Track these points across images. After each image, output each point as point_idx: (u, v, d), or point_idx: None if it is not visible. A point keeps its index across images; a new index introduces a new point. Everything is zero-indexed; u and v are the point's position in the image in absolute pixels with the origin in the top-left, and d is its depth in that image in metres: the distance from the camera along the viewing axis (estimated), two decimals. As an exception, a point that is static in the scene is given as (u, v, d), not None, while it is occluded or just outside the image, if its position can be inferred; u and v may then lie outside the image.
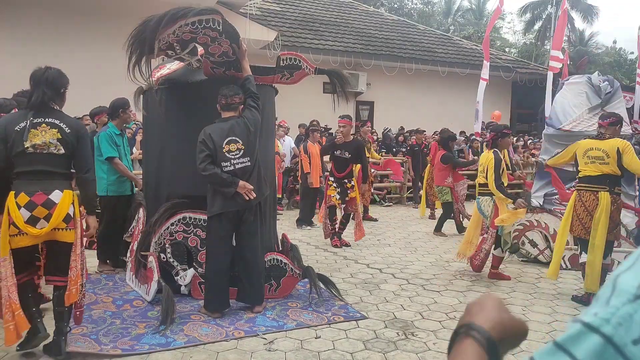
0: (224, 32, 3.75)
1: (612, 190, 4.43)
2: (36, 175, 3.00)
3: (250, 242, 3.89)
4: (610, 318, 0.52)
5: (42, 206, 2.95)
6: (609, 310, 0.52)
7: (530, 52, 27.66)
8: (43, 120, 3.02)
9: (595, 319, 0.53)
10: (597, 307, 0.54)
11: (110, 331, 3.48)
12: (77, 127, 3.15)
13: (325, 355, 3.23)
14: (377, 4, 28.63)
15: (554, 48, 9.28)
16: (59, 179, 3.08)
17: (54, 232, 3.00)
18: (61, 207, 3.00)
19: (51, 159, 3.03)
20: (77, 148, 3.11)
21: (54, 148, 3.02)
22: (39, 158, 3.00)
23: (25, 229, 2.93)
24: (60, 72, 3.19)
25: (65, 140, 3.05)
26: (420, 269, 5.50)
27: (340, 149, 6.39)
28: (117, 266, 5.07)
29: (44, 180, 3.01)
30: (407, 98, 14.63)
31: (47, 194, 2.98)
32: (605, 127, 4.56)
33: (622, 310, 0.51)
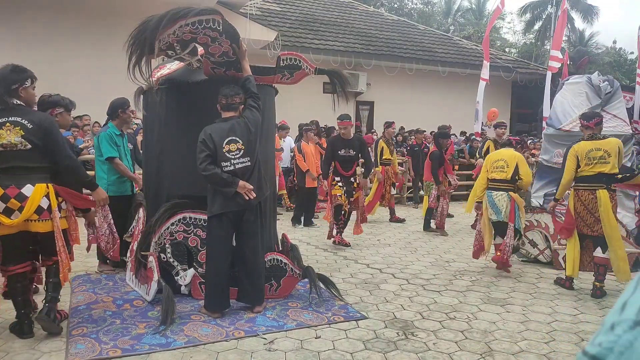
0: (224, 32, 3.75)
1: (609, 188, 4.59)
2: (10, 171, 3.20)
3: (251, 242, 3.89)
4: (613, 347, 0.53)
5: (14, 199, 3.17)
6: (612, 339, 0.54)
7: (530, 52, 27.67)
8: (7, 120, 3.18)
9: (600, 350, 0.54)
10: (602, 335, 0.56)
11: (110, 330, 3.48)
12: (41, 122, 3.27)
13: (325, 355, 3.23)
14: (377, 4, 28.64)
15: (554, 48, 9.29)
16: (33, 173, 3.25)
17: (27, 222, 3.23)
18: (32, 200, 3.20)
19: (21, 155, 3.21)
20: (45, 141, 3.26)
21: (20, 145, 3.20)
22: (10, 155, 3.19)
23: (0, 219, 3.15)
24: (13, 68, 3.28)
25: (29, 135, 3.20)
26: (420, 269, 5.50)
27: (344, 147, 6.37)
28: (117, 266, 5.07)
29: (17, 175, 3.21)
30: (407, 98, 14.64)
31: (19, 187, 3.19)
32: (592, 127, 4.66)
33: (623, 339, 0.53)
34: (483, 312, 4.15)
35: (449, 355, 3.28)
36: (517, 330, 3.76)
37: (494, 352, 3.35)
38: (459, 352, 3.33)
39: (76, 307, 3.96)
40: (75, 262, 5.41)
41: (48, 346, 3.27)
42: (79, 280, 4.71)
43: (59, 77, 9.88)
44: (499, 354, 3.31)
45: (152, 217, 4.22)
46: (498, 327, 3.82)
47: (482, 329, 3.76)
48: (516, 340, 3.55)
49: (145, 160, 4.90)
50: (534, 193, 6.52)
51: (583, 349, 0.56)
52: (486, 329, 3.75)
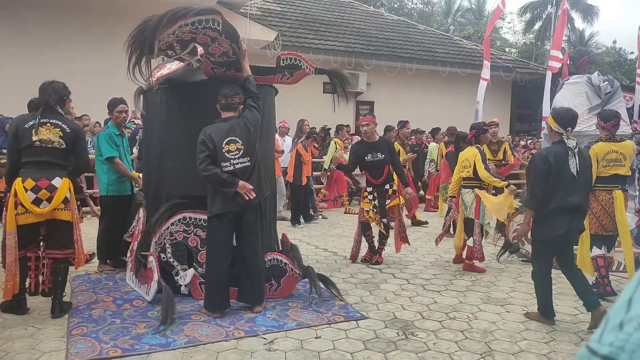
0: (224, 32, 3.75)
1: (624, 189, 4.65)
2: (41, 165, 3.67)
3: (251, 242, 3.89)
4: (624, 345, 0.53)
5: (45, 190, 3.61)
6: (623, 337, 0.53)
7: (530, 52, 27.68)
8: (48, 121, 3.71)
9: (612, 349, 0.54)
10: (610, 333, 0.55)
11: (110, 330, 3.49)
12: (76, 129, 3.89)
13: (325, 355, 3.23)
14: (377, 4, 28.65)
15: (554, 48, 9.29)
16: (59, 169, 3.74)
17: (54, 211, 3.66)
18: (61, 191, 3.66)
19: (54, 152, 3.71)
20: (75, 144, 3.82)
21: (57, 144, 3.70)
22: (44, 151, 3.67)
23: (31, 208, 3.58)
24: (65, 85, 3.93)
25: (66, 138, 3.74)
26: (420, 269, 5.50)
27: (371, 152, 5.52)
28: (117, 266, 5.07)
29: (48, 169, 3.68)
30: (407, 98, 14.63)
31: (49, 180, 3.64)
32: (609, 129, 4.61)
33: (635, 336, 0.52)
34: (483, 312, 4.15)
35: (449, 355, 3.28)
36: (517, 330, 3.76)
37: (494, 352, 3.35)
38: (459, 352, 3.33)
39: (76, 307, 3.95)
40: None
41: (48, 346, 3.27)
42: (79, 280, 4.71)
43: (59, 77, 9.86)
44: (499, 354, 3.31)
45: (152, 217, 4.22)
46: (498, 327, 3.82)
47: (482, 329, 3.76)
48: (516, 340, 3.55)
49: (145, 160, 4.89)
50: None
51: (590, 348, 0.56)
52: (486, 329, 3.75)
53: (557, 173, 3.74)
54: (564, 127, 3.82)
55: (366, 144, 5.59)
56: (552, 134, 3.93)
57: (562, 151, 3.78)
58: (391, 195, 5.58)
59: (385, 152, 5.52)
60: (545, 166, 3.75)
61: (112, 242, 5.06)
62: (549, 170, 3.74)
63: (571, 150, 3.77)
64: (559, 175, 3.74)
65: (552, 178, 3.73)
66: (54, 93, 3.76)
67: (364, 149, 5.56)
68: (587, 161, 3.89)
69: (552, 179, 3.74)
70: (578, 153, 3.80)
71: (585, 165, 3.83)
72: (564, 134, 3.82)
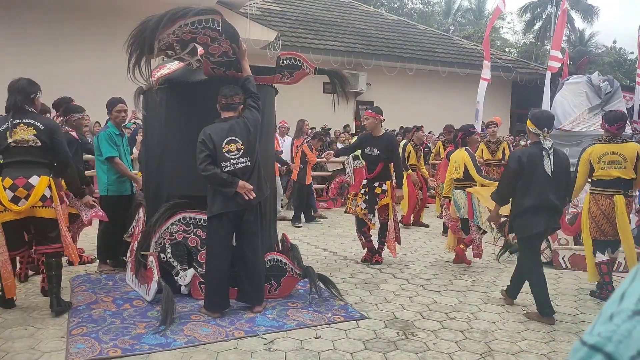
0: (223, 32, 3.75)
1: (626, 194, 4.44)
2: (19, 164, 3.74)
3: (251, 242, 3.89)
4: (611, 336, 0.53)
5: (22, 188, 3.68)
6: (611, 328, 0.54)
7: (530, 52, 27.68)
8: (21, 121, 3.75)
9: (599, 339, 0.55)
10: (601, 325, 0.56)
11: (110, 330, 3.48)
12: (50, 125, 3.89)
13: (325, 355, 3.23)
14: (377, 4, 28.65)
15: (554, 48, 9.29)
16: (38, 167, 3.78)
17: (32, 209, 3.72)
18: (38, 189, 3.71)
19: (31, 150, 3.75)
20: (51, 140, 3.82)
21: (32, 142, 3.75)
22: (21, 151, 3.73)
23: (9, 206, 3.64)
24: (29, 81, 3.90)
25: (41, 134, 3.76)
26: (420, 269, 5.50)
27: (371, 145, 5.52)
28: (117, 266, 5.07)
29: (25, 168, 3.74)
30: (407, 98, 14.64)
31: (27, 178, 3.70)
32: (614, 132, 4.48)
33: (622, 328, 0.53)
34: (483, 312, 4.15)
35: (449, 355, 3.28)
36: (517, 330, 3.76)
37: (494, 352, 3.35)
38: (459, 352, 3.33)
39: (76, 307, 3.95)
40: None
41: (48, 346, 3.27)
42: (79, 280, 4.71)
43: (59, 77, 9.88)
44: (499, 354, 3.31)
45: (152, 217, 4.22)
46: (498, 327, 3.82)
47: (482, 329, 3.76)
48: (516, 340, 3.55)
49: (145, 160, 4.90)
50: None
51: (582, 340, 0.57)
52: (486, 329, 3.75)
53: (530, 172, 3.89)
54: (541, 128, 3.95)
55: (371, 136, 5.58)
56: (530, 135, 4.10)
57: (537, 152, 3.91)
58: (379, 195, 5.50)
59: (381, 149, 5.43)
60: (516, 166, 3.93)
61: (112, 242, 5.06)
62: (518, 170, 3.92)
63: (546, 150, 3.90)
64: (533, 174, 3.89)
65: (523, 177, 3.91)
66: (19, 93, 3.79)
67: (367, 141, 5.59)
68: (563, 162, 3.98)
69: (526, 178, 3.91)
70: (553, 154, 3.92)
71: (560, 166, 3.94)
72: (540, 134, 3.95)
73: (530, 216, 3.93)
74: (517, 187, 3.99)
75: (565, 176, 4.05)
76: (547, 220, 3.95)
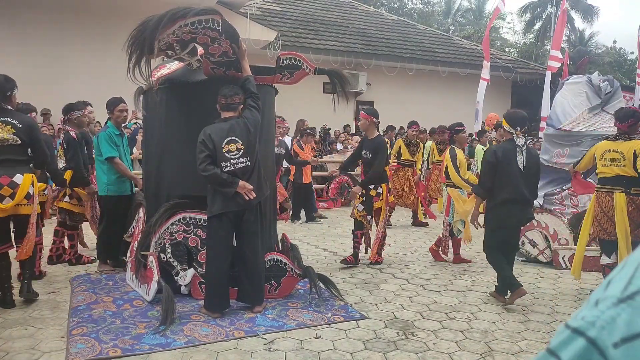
0: (223, 32, 3.75)
1: (628, 191, 4.36)
2: (2, 163, 3.78)
3: (251, 242, 3.89)
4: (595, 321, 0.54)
5: (7, 186, 3.75)
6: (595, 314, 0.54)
7: (530, 52, 27.66)
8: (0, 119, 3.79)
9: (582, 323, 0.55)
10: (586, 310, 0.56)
11: (110, 330, 3.49)
12: (28, 122, 3.97)
13: (325, 355, 3.23)
14: (377, 4, 28.65)
15: (553, 48, 9.30)
16: (20, 165, 3.88)
17: (17, 207, 3.81)
18: (22, 187, 3.81)
19: (11, 149, 3.82)
20: (30, 138, 3.90)
21: (12, 140, 3.81)
22: (2, 149, 3.78)
23: None
24: (5, 78, 3.95)
25: (19, 132, 3.83)
26: (420, 269, 5.50)
27: (365, 148, 5.51)
28: (117, 266, 5.07)
29: (8, 167, 3.79)
30: (407, 98, 14.63)
31: (11, 177, 3.78)
32: (625, 129, 4.42)
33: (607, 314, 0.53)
34: (483, 312, 4.15)
35: (449, 355, 3.28)
36: (517, 330, 3.76)
37: (494, 352, 3.35)
38: (459, 352, 3.33)
39: (76, 307, 3.96)
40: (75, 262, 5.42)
41: (48, 346, 3.27)
42: (79, 280, 4.71)
43: (58, 77, 9.89)
44: (499, 354, 3.31)
45: (152, 217, 4.22)
46: (498, 327, 3.82)
47: (482, 329, 3.76)
48: (516, 340, 3.55)
49: (145, 160, 4.90)
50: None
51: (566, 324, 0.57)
52: (486, 329, 3.75)
53: (505, 167, 4.20)
54: (514, 127, 4.30)
55: (366, 139, 5.55)
56: (505, 133, 4.41)
57: (511, 148, 4.24)
58: (374, 197, 5.41)
59: (372, 152, 5.39)
60: (493, 159, 4.25)
61: (112, 242, 5.06)
62: (495, 163, 4.23)
63: (519, 147, 4.24)
64: (507, 169, 4.20)
65: (499, 170, 4.22)
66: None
67: (364, 145, 5.58)
68: (534, 158, 4.34)
69: (501, 173, 4.21)
70: (526, 150, 4.26)
71: (532, 162, 4.27)
72: (514, 133, 4.29)
73: (506, 209, 4.22)
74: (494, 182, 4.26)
75: (536, 172, 4.34)
76: (521, 212, 4.25)
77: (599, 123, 6.11)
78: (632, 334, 0.50)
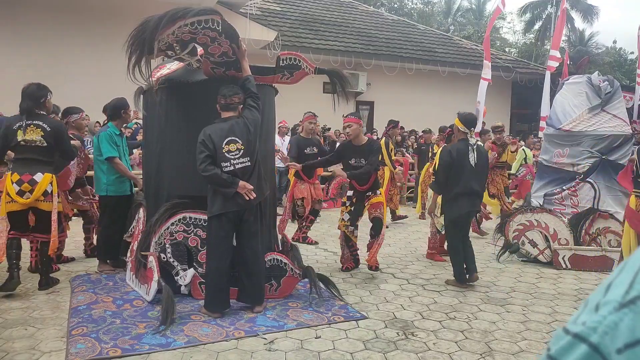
0: (223, 32, 3.75)
1: None
2: (27, 161, 4.19)
3: (251, 242, 3.89)
4: (597, 327, 0.53)
5: (27, 183, 4.14)
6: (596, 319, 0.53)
7: (530, 52, 27.66)
8: (32, 122, 4.19)
9: (584, 329, 0.54)
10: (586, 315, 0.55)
11: (110, 330, 3.48)
12: (56, 127, 4.33)
13: (325, 355, 3.23)
14: (377, 4, 28.66)
15: (553, 48, 9.29)
16: (42, 165, 4.23)
17: (35, 202, 4.20)
18: (41, 185, 4.17)
19: (37, 150, 4.20)
20: (57, 142, 4.29)
21: (39, 142, 4.19)
22: (29, 149, 4.18)
23: (15, 198, 4.13)
24: (38, 86, 4.31)
25: (47, 136, 4.21)
26: (420, 269, 5.50)
27: (355, 156, 4.96)
28: (117, 266, 5.07)
29: (32, 165, 4.19)
30: (408, 98, 14.63)
31: (32, 174, 4.16)
32: None
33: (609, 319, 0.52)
34: (483, 312, 4.15)
35: (449, 355, 3.28)
36: (517, 330, 3.76)
37: (494, 352, 3.35)
38: (459, 352, 3.33)
39: (76, 307, 3.95)
40: (75, 262, 5.43)
41: (48, 346, 3.27)
42: (79, 280, 4.71)
43: (58, 77, 9.88)
44: (499, 354, 3.31)
45: (152, 217, 4.22)
46: (498, 327, 3.82)
47: (482, 329, 3.76)
48: (516, 340, 3.55)
49: (145, 160, 4.90)
50: (534, 193, 6.52)
51: (564, 328, 0.56)
52: (486, 329, 3.75)
53: (459, 164, 4.64)
54: (468, 128, 4.73)
55: (352, 146, 5.00)
56: (459, 133, 4.80)
57: (464, 147, 4.69)
58: (370, 196, 5.08)
59: (366, 157, 4.93)
60: (448, 158, 4.67)
61: (112, 242, 5.06)
62: (450, 161, 4.66)
63: (471, 146, 4.70)
64: (461, 166, 4.63)
65: (454, 167, 4.63)
66: (29, 99, 4.23)
67: (349, 151, 5.01)
68: (484, 156, 4.83)
69: (455, 169, 4.63)
70: (476, 149, 4.72)
71: (482, 159, 4.77)
72: (468, 133, 4.72)
73: (458, 201, 4.69)
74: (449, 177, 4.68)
75: (485, 168, 4.87)
76: (471, 203, 4.75)
77: (599, 123, 6.11)
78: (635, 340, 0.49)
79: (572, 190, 6.04)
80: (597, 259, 5.63)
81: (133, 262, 4.37)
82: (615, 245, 5.72)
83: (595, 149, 6.01)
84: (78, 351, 3.15)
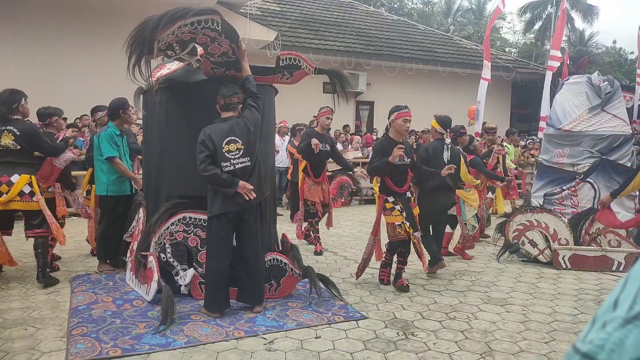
0: (223, 32, 3.75)
1: None
2: (5, 164, 4.51)
3: (251, 242, 3.89)
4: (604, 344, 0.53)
5: (5, 184, 4.45)
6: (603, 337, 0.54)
7: (530, 52, 27.66)
8: (5, 128, 4.49)
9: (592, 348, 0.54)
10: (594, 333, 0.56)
11: (110, 330, 3.48)
12: (25, 130, 4.53)
13: (325, 355, 3.23)
14: (377, 4, 28.66)
15: (553, 48, 9.29)
16: (19, 167, 4.51)
17: (11, 202, 4.45)
18: (16, 186, 4.46)
19: (12, 153, 4.50)
20: (31, 144, 4.53)
21: (12, 146, 4.48)
22: (6, 153, 4.49)
23: None
24: (11, 92, 4.56)
25: (18, 140, 4.48)
26: (420, 269, 5.49)
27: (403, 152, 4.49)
28: (117, 266, 5.07)
29: (9, 168, 4.49)
30: (408, 98, 14.52)
31: (9, 176, 4.47)
32: None
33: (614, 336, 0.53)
34: (483, 312, 4.15)
35: (449, 355, 3.28)
36: (517, 330, 3.76)
37: (494, 352, 3.35)
38: (459, 352, 3.33)
39: (76, 307, 3.96)
40: (76, 262, 5.44)
41: (48, 346, 3.27)
42: (79, 280, 4.71)
43: (59, 77, 9.89)
44: (499, 354, 3.31)
45: (152, 217, 4.22)
46: (498, 327, 3.82)
47: (482, 329, 3.76)
48: (516, 340, 3.55)
49: (145, 160, 4.89)
50: (534, 193, 6.52)
51: (574, 347, 0.57)
52: (486, 329, 3.75)
53: (434, 161, 5.01)
54: (444, 129, 5.22)
55: (394, 142, 4.60)
56: (435, 133, 5.26)
57: (439, 146, 5.15)
58: (412, 203, 4.71)
59: (410, 155, 4.68)
60: (425, 154, 5.12)
61: (112, 242, 5.06)
62: (426, 157, 5.07)
63: (446, 145, 5.17)
64: (436, 163, 4.98)
65: (429, 164, 4.96)
66: (1, 105, 4.49)
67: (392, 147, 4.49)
68: (457, 154, 5.29)
69: (431, 165, 4.93)
70: (450, 148, 5.21)
71: (455, 157, 5.21)
72: (444, 133, 5.21)
73: (434, 195, 5.05)
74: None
75: (457, 165, 5.14)
76: (446, 197, 5.15)
77: (599, 123, 6.10)
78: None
79: (572, 190, 6.04)
80: (597, 259, 5.63)
81: (133, 262, 4.37)
82: (615, 245, 5.72)
83: (595, 149, 6.01)
84: (78, 351, 3.15)
